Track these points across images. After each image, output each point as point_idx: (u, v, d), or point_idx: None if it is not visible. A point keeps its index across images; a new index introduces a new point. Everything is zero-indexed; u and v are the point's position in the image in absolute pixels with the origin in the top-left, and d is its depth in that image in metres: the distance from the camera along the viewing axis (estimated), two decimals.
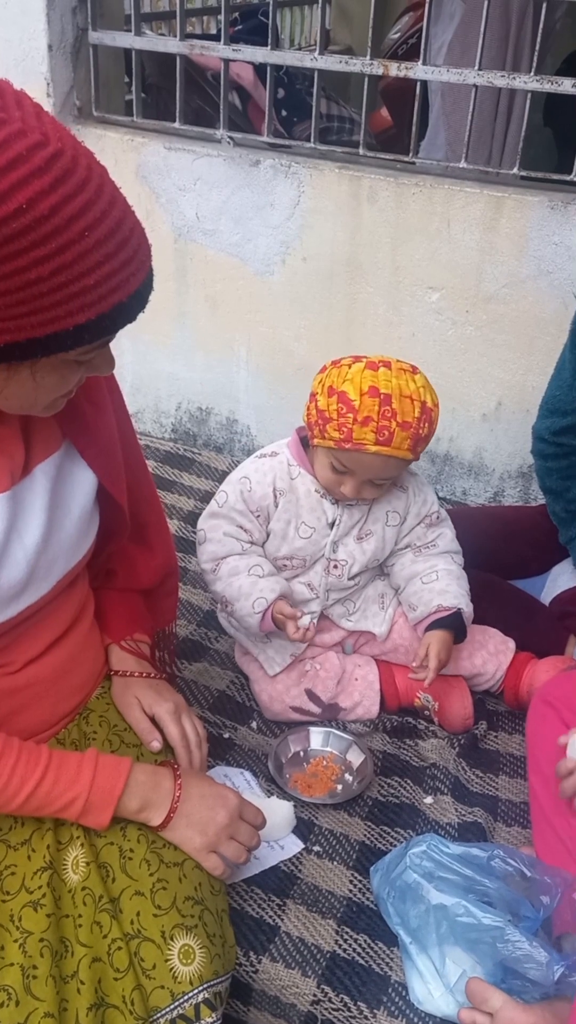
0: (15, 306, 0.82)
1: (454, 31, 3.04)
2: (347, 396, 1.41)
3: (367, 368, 1.43)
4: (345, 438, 1.42)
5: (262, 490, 1.57)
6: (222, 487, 1.62)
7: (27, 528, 1.08)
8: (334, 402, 1.43)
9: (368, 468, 1.47)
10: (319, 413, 1.45)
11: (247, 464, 1.62)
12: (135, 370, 2.70)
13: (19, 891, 1.08)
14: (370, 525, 1.61)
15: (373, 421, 1.40)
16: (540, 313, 2.10)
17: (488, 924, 1.15)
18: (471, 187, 2.09)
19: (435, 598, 1.58)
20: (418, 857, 1.25)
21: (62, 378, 0.95)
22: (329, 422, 1.43)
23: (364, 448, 1.42)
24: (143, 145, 2.42)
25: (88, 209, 0.82)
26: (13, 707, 1.15)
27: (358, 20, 4.35)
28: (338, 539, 1.59)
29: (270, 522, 1.58)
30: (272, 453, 1.61)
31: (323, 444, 1.48)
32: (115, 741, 1.25)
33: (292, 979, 1.21)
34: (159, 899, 1.09)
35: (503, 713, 1.70)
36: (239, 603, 1.53)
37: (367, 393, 1.40)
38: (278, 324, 2.43)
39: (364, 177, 2.18)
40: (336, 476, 1.50)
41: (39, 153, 0.79)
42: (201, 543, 1.60)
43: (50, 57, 2.40)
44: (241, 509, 1.57)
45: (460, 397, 2.27)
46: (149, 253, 0.91)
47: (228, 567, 1.56)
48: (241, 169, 2.31)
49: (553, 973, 1.11)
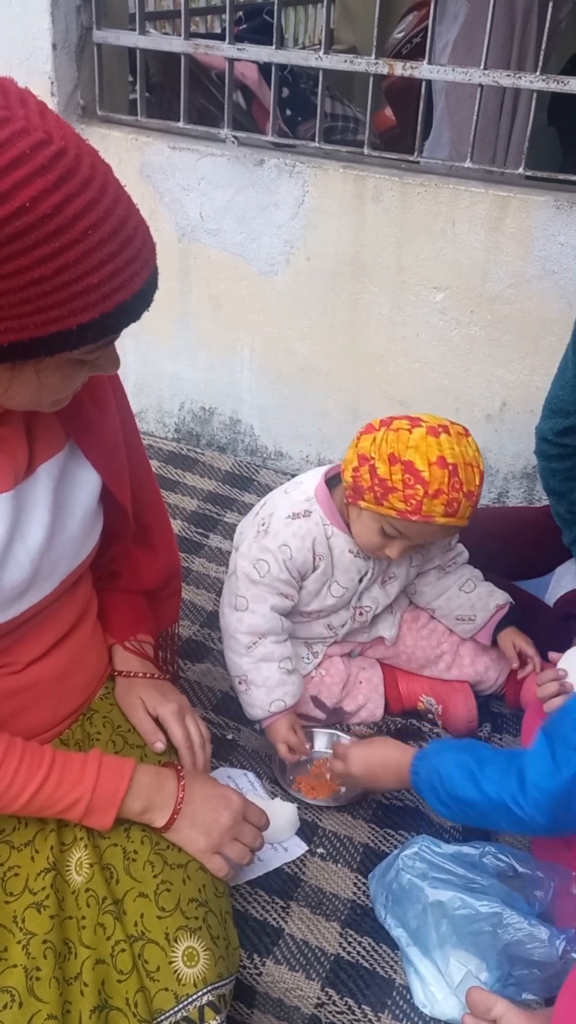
0: (18, 305, 0.81)
1: (458, 30, 3.03)
2: (414, 467, 1.35)
3: (429, 435, 1.37)
4: (413, 510, 1.36)
5: (302, 556, 1.50)
6: (257, 553, 1.51)
7: (30, 528, 1.07)
8: (398, 471, 1.36)
9: (424, 536, 1.44)
10: (379, 481, 1.38)
11: (282, 529, 1.50)
12: (138, 370, 2.70)
13: (23, 892, 1.08)
14: (394, 569, 1.59)
15: (444, 494, 1.35)
16: (545, 313, 2.10)
17: (486, 912, 1.16)
18: (476, 187, 2.08)
19: (488, 602, 1.62)
20: (410, 859, 1.25)
21: (66, 377, 0.95)
22: (392, 492, 1.37)
23: (432, 520, 1.37)
24: (147, 144, 2.41)
25: (91, 208, 0.81)
26: (16, 707, 1.14)
27: (362, 19, 4.34)
28: (365, 589, 1.58)
29: (305, 580, 1.54)
30: (305, 513, 1.51)
31: (375, 510, 1.41)
32: (119, 742, 1.25)
33: (296, 982, 1.21)
34: (163, 901, 1.08)
35: (507, 716, 1.69)
36: (256, 690, 1.50)
37: (435, 463, 1.34)
38: (282, 324, 2.43)
39: (368, 177, 2.18)
40: (383, 540, 1.45)
41: (42, 151, 0.78)
42: (240, 609, 1.52)
43: (54, 56, 2.39)
44: (286, 579, 1.51)
45: (464, 397, 2.26)
46: (154, 252, 0.90)
47: (263, 651, 1.50)
48: (245, 168, 2.30)
49: (557, 948, 1.12)
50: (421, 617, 1.69)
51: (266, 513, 1.54)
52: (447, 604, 1.65)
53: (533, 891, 1.21)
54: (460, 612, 1.63)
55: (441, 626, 1.68)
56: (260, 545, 1.51)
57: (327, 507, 1.52)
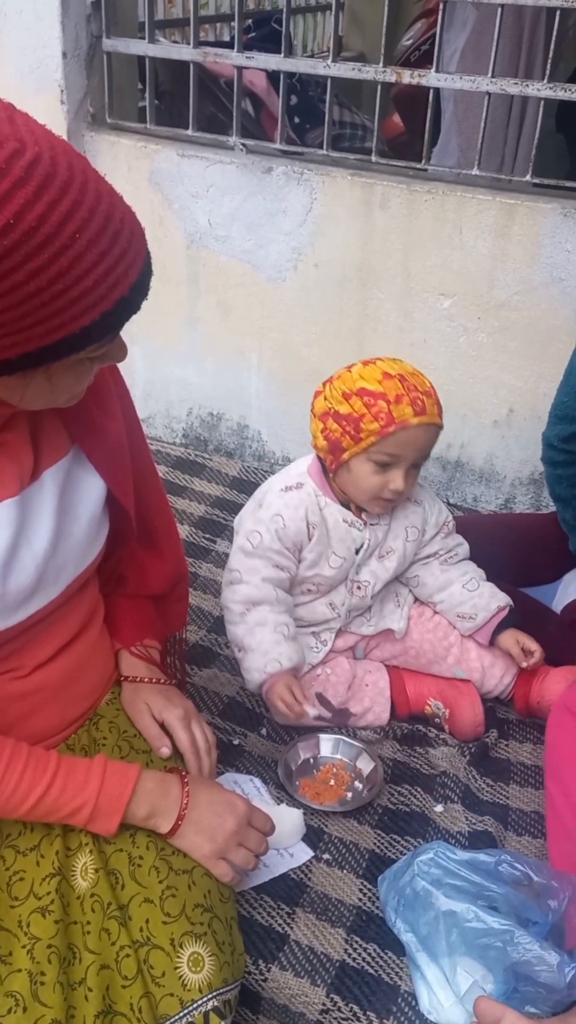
0: (20, 319, 0.81)
1: (466, 38, 3.04)
2: (368, 389, 1.44)
3: (364, 365, 1.48)
4: (387, 422, 1.43)
5: (296, 525, 1.54)
6: (251, 525, 1.57)
7: (36, 533, 1.08)
8: (357, 400, 1.45)
9: (413, 446, 1.48)
10: (347, 420, 1.46)
11: (275, 500, 1.57)
12: (146, 375, 2.70)
13: (27, 897, 1.08)
14: (390, 543, 1.61)
15: (405, 395, 1.43)
16: (552, 320, 2.10)
17: (498, 928, 1.14)
18: (483, 194, 2.09)
19: (490, 602, 1.63)
20: (426, 864, 1.24)
21: (77, 376, 0.96)
22: (362, 419, 1.45)
23: (408, 423, 1.43)
24: (156, 152, 2.42)
25: (76, 210, 0.80)
26: (22, 712, 1.15)
27: (370, 26, 4.34)
28: (362, 562, 1.59)
29: (302, 552, 1.57)
30: (297, 484, 1.57)
31: (358, 449, 1.47)
32: (124, 747, 1.25)
33: (301, 988, 1.21)
34: (168, 906, 1.08)
35: (514, 722, 1.69)
36: (252, 655, 1.52)
37: (383, 379, 1.45)
38: (289, 330, 2.43)
39: (376, 184, 2.18)
40: (382, 477, 1.49)
41: (17, 163, 0.77)
42: (234, 583, 1.56)
43: (64, 64, 2.41)
44: (278, 548, 1.54)
45: (471, 403, 2.27)
46: (143, 239, 0.89)
47: (257, 616, 1.53)
48: (254, 176, 2.31)
49: (565, 976, 1.10)
50: (427, 611, 1.71)
51: (261, 493, 1.60)
52: (450, 599, 1.65)
53: (547, 900, 1.20)
54: (461, 609, 1.64)
55: (446, 620, 1.69)
56: (255, 518, 1.57)
57: (319, 480, 1.58)
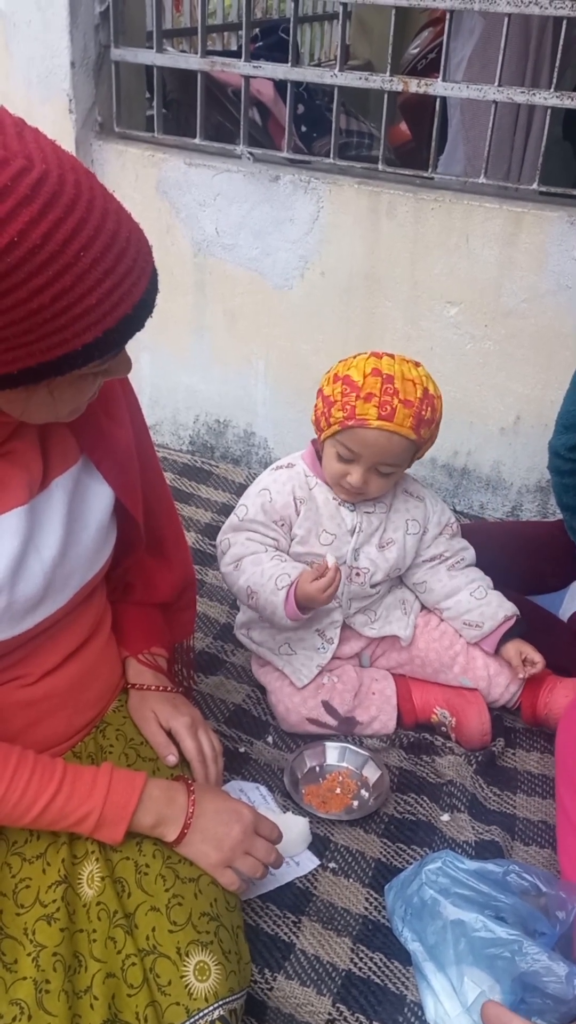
0: (21, 335, 0.81)
1: (473, 46, 3.04)
2: (351, 378, 1.45)
3: (371, 356, 1.48)
4: (348, 415, 1.44)
5: (283, 499, 1.58)
6: (242, 501, 1.63)
7: (44, 541, 1.08)
8: (339, 386, 1.46)
9: (372, 448, 1.47)
10: (324, 401, 1.49)
11: (264, 477, 1.63)
12: (154, 383, 2.71)
13: (33, 904, 1.08)
14: (391, 533, 1.62)
15: (376, 397, 1.43)
16: (560, 328, 2.10)
17: (507, 938, 1.14)
18: (490, 203, 2.09)
19: (497, 611, 1.63)
20: (434, 873, 1.24)
21: (79, 390, 0.96)
22: (333, 405, 1.46)
23: (367, 423, 1.43)
24: (164, 160, 2.43)
25: (81, 229, 0.80)
26: (30, 719, 1.15)
27: (377, 34, 4.36)
28: (359, 546, 1.60)
29: (292, 528, 1.60)
30: (288, 464, 1.64)
31: (328, 433, 1.49)
32: (131, 755, 1.25)
33: (307, 997, 1.20)
34: (174, 915, 1.08)
35: (520, 730, 1.69)
36: (263, 587, 1.53)
37: (370, 374, 1.44)
38: (296, 338, 2.44)
39: (383, 192, 2.19)
40: (343, 466, 1.51)
41: (24, 181, 0.77)
42: (224, 552, 1.62)
43: (73, 74, 2.42)
44: (263, 520, 1.59)
45: (478, 411, 2.27)
46: (150, 256, 0.89)
47: (250, 559, 1.58)
48: (261, 184, 2.32)
49: (573, 987, 1.09)
50: (433, 620, 1.70)
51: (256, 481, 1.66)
52: (457, 606, 1.65)
53: (555, 911, 1.20)
54: (468, 617, 1.64)
55: (452, 628, 1.69)
56: (245, 495, 1.63)
57: (311, 463, 1.62)
